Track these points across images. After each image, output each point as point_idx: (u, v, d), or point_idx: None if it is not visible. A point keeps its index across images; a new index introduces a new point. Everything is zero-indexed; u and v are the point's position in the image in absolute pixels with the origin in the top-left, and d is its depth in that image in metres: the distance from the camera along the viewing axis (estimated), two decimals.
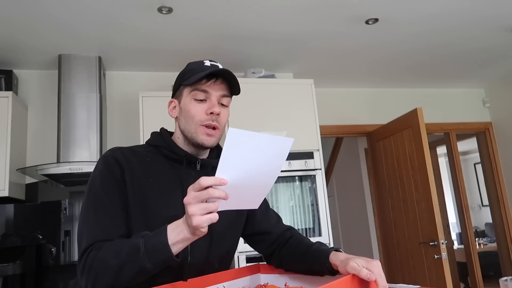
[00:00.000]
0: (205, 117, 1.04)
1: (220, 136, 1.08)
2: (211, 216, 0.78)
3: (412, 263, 3.35)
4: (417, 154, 3.18)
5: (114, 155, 1.02)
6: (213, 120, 1.04)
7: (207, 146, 1.06)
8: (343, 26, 2.75)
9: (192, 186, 0.79)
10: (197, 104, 1.04)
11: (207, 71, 1.02)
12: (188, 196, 0.79)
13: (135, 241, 0.86)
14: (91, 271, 0.87)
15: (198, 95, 1.04)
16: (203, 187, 0.77)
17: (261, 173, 0.81)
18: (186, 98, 1.06)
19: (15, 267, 2.53)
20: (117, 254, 0.86)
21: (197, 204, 0.78)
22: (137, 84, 3.23)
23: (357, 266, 0.87)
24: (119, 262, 0.85)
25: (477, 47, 3.27)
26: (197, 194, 0.78)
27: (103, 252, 0.88)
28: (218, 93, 1.05)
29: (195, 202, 0.78)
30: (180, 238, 0.83)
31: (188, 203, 0.79)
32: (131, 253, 0.85)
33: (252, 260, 2.52)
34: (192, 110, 1.04)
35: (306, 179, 2.90)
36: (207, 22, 2.59)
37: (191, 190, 0.79)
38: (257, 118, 2.85)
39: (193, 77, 1.03)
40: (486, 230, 7.10)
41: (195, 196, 0.78)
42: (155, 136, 1.12)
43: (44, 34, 2.59)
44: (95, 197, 0.97)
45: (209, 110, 1.03)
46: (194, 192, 0.78)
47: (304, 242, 1.11)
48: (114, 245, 0.89)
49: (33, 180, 2.90)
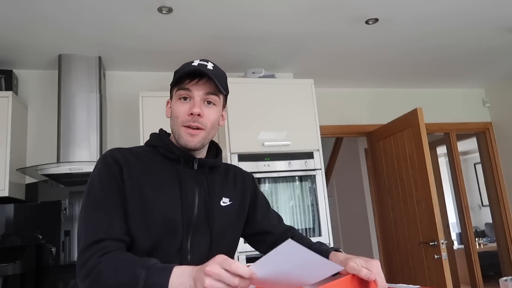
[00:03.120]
0: (187, 118, 1.03)
1: (206, 136, 1.06)
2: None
3: (412, 263, 3.35)
4: (417, 154, 3.18)
5: (113, 155, 1.02)
6: (194, 121, 1.03)
7: (190, 147, 1.04)
8: (343, 26, 2.76)
9: (223, 260, 0.74)
10: (180, 104, 1.05)
11: (186, 69, 1.03)
12: (212, 267, 0.73)
13: (137, 271, 0.83)
14: (88, 279, 0.87)
15: (181, 94, 1.05)
16: (232, 272, 0.72)
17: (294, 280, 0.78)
18: (174, 98, 1.07)
19: (15, 267, 2.53)
20: (117, 275, 0.84)
21: (216, 281, 0.73)
22: (137, 84, 3.23)
23: (356, 266, 0.88)
24: (116, 285, 0.84)
25: (477, 47, 3.28)
26: (222, 274, 0.73)
27: (104, 265, 0.86)
28: (201, 92, 1.04)
29: (215, 278, 0.73)
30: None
31: (209, 275, 0.73)
32: (130, 283, 0.82)
33: (252, 260, 2.52)
34: (176, 110, 1.05)
35: (306, 179, 2.90)
36: (207, 22, 2.59)
37: (217, 264, 0.74)
38: (257, 118, 2.85)
39: (176, 76, 1.04)
40: (486, 230, 7.10)
41: (218, 274, 0.73)
42: (153, 136, 1.13)
43: (44, 34, 2.59)
44: (94, 196, 0.97)
45: (189, 111, 1.02)
46: (219, 269, 0.73)
47: (304, 242, 1.11)
48: (116, 263, 0.87)
49: (33, 180, 2.90)
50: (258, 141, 2.83)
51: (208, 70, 1.03)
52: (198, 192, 1.06)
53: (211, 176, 1.11)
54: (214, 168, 1.13)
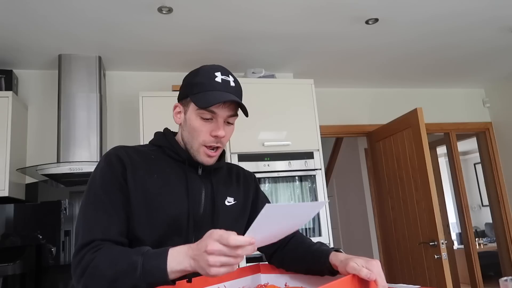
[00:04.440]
0: (209, 139, 1.03)
1: (220, 152, 1.08)
2: (229, 269, 0.77)
3: (412, 263, 3.35)
4: (417, 154, 3.18)
5: (117, 153, 1.02)
6: (216, 142, 1.04)
7: (206, 165, 1.06)
8: (343, 26, 2.75)
9: (219, 237, 0.76)
10: (203, 123, 1.03)
11: (216, 99, 0.98)
12: (212, 245, 0.76)
13: (133, 258, 0.84)
14: (84, 276, 0.86)
15: (205, 114, 1.02)
16: (231, 245, 0.75)
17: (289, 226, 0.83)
18: (192, 113, 1.04)
19: (15, 267, 2.54)
20: (113, 267, 0.84)
21: (220, 256, 0.76)
22: (137, 84, 3.23)
23: (357, 266, 0.88)
24: (113, 276, 0.84)
25: (477, 47, 3.28)
26: (223, 250, 0.76)
27: (99, 259, 0.87)
28: (225, 114, 1.03)
29: (218, 254, 0.76)
30: (180, 269, 0.82)
31: (211, 253, 0.76)
32: (128, 271, 0.83)
33: (252, 260, 2.52)
34: (197, 128, 1.03)
35: (306, 179, 2.90)
36: (207, 22, 2.59)
37: (217, 241, 0.76)
38: (257, 118, 2.86)
39: (202, 99, 0.99)
40: (486, 230, 7.10)
41: (219, 250, 0.76)
42: (159, 136, 1.12)
43: (44, 34, 2.59)
44: (95, 195, 0.97)
45: (214, 133, 1.02)
46: (219, 245, 0.76)
47: (305, 242, 1.11)
48: (111, 255, 0.87)
49: (33, 180, 2.90)
50: (258, 141, 2.83)
51: (233, 90, 1.03)
52: (205, 192, 1.06)
53: (216, 177, 1.11)
54: (217, 168, 1.13)
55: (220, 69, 1.05)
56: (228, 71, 1.07)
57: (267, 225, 0.77)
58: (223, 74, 1.04)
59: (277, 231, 0.82)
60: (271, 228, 0.79)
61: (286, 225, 0.82)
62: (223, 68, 1.06)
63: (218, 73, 1.03)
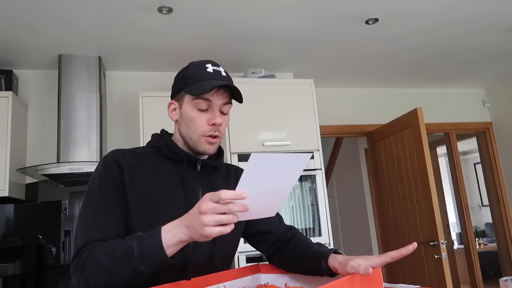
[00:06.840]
0: (208, 128, 1.04)
1: (220, 141, 1.10)
2: (222, 229, 0.78)
3: (412, 263, 3.35)
4: (417, 154, 3.18)
5: (114, 156, 1.02)
6: (215, 131, 1.05)
7: (209, 153, 1.08)
8: (343, 26, 2.76)
9: (211, 196, 0.78)
10: (199, 114, 1.04)
11: (212, 84, 1.00)
12: (205, 205, 0.78)
13: (128, 243, 0.86)
14: (84, 271, 0.87)
15: (200, 104, 1.03)
16: (223, 199, 0.77)
17: (278, 185, 0.84)
18: (187, 105, 1.06)
19: (15, 267, 2.53)
20: (110, 255, 0.86)
21: (213, 215, 0.77)
22: (137, 84, 3.23)
23: (356, 264, 0.88)
24: (112, 264, 0.85)
25: (477, 47, 3.28)
26: (216, 207, 0.77)
27: (96, 252, 0.88)
28: (220, 102, 1.05)
29: (211, 212, 0.77)
30: (175, 241, 0.83)
31: (205, 212, 0.78)
32: (125, 255, 0.84)
33: (252, 260, 2.52)
34: (195, 120, 1.04)
35: (306, 179, 2.90)
36: (207, 22, 2.59)
37: (209, 200, 0.78)
38: (257, 118, 2.85)
39: (197, 87, 1.02)
40: (486, 230, 7.11)
41: (212, 208, 0.77)
42: (156, 137, 1.12)
43: (44, 34, 2.59)
44: (93, 198, 0.98)
45: (211, 121, 1.03)
46: (212, 203, 0.78)
47: (304, 242, 1.11)
48: (106, 246, 0.89)
49: (33, 180, 2.90)
50: (258, 141, 2.83)
51: (225, 78, 1.04)
52: (202, 192, 1.06)
53: (214, 177, 1.11)
54: (216, 168, 1.14)
55: (209, 62, 1.08)
56: (218, 64, 1.09)
57: (256, 179, 0.78)
58: (213, 66, 1.06)
59: (267, 191, 0.82)
60: (260, 184, 0.79)
61: (275, 184, 0.82)
62: (213, 61, 1.08)
63: (209, 64, 1.06)
